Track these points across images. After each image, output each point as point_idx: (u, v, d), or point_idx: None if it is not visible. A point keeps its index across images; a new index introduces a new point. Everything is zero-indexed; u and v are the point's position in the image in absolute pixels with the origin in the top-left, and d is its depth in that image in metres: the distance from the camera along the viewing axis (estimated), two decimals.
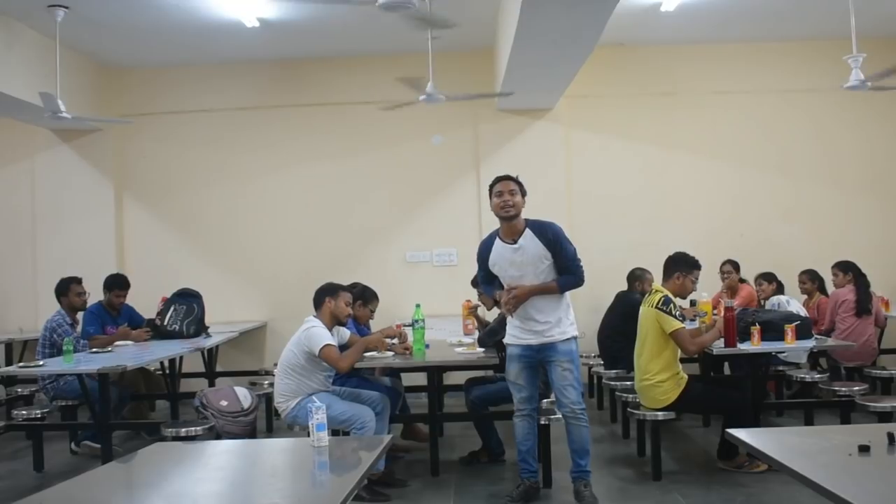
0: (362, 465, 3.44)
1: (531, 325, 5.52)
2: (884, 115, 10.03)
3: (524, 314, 5.53)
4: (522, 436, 5.74)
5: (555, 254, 5.48)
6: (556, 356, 5.52)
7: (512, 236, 5.53)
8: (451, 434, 7.73)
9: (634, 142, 10.12)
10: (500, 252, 5.56)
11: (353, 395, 6.17)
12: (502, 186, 5.53)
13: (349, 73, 10.12)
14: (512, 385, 5.71)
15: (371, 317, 7.31)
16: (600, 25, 6.75)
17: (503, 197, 5.49)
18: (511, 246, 5.51)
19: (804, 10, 8.88)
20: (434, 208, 10.16)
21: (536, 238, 5.48)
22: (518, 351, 5.61)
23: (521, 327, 5.57)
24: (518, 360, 5.63)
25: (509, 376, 5.71)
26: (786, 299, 8.05)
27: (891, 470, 3.02)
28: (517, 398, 5.71)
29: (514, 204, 5.48)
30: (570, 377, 5.54)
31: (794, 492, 5.39)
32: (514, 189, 5.52)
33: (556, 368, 5.53)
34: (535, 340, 5.53)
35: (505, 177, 5.61)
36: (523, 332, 5.57)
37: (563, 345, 5.53)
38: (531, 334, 5.53)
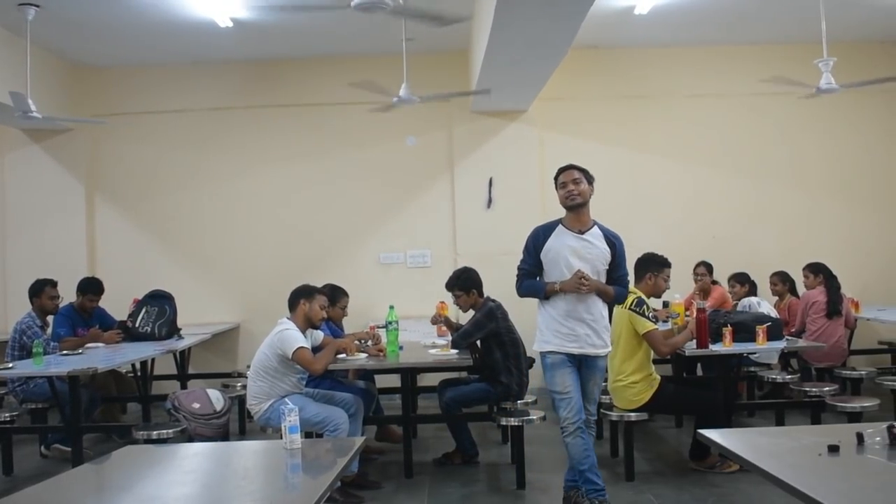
0: (335, 467, 3.43)
1: (579, 328, 5.17)
2: (852, 118, 10.14)
3: (578, 310, 5.17)
4: (581, 454, 5.27)
5: (613, 262, 5.25)
6: (593, 372, 5.30)
7: (579, 227, 5.27)
8: (424, 436, 7.72)
9: (608, 144, 10.16)
10: (562, 238, 5.24)
11: (327, 398, 6.15)
12: (565, 177, 5.35)
13: (323, 74, 10.09)
14: (560, 397, 5.26)
15: (344, 314, 7.31)
16: (574, 28, 6.77)
17: (568, 187, 5.29)
18: (577, 235, 5.24)
19: (776, 14, 8.96)
20: (408, 210, 10.15)
21: (604, 237, 5.28)
22: (560, 358, 5.24)
23: (563, 332, 5.19)
24: (561, 366, 5.23)
25: (555, 387, 5.26)
26: (757, 301, 8.10)
27: (859, 470, 3.05)
28: (567, 410, 5.23)
29: (580, 192, 5.27)
30: (597, 391, 5.40)
31: (765, 491, 5.44)
32: (577, 178, 5.33)
33: (590, 382, 5.31)
34: (577, 349, 5.19)
35: (568, 167, 5.42)
36: (565, 338, 5.20)
37: (602, 361, 5.35)
38: (577, 341, 5.18)
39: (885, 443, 3.18)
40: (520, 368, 6.66)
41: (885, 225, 10.24)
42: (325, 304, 6.17)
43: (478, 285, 6.79)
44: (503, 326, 6.60)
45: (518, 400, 6.67)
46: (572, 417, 5.23)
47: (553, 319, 5.23)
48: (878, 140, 10.33)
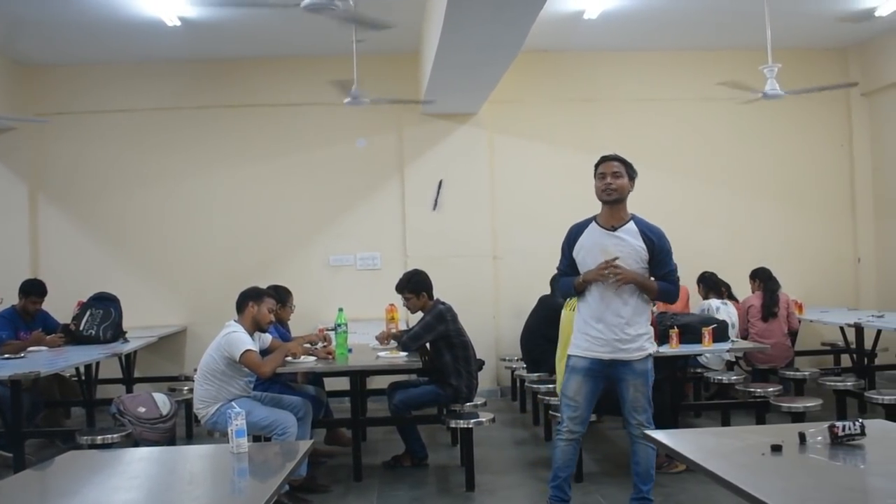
0: (283, 470, 3.41)
1: (606, 331, 4.89)
2: (797, 123, 10.34)
3: (604, 312, 4.91)
4: (564, 461, 5.09)
5: (654, 259, 4.91)
6: (631, 376, 4.94)
7: (612, 223, 4.98)
8: (374, 438, 7.70)
9: (557, 147, 10.23)
10: (592, 236, 5.00)
11: (275, 401, 6.11)
12: (605, 168, 5.03)
13: (273, 75, 10.01)
14: (567, 402, 5.06)
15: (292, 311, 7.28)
16: (524, 32, 6.79)
17: (605, 180, 4.98)
18: (608, 232, 4.96)
19: (722, 21, 9.10)
20: (358, 212, 10.11)
21: (640, 234, 4.94)
22: (584, 364, 4.97)
23: (592, 335, 4.94)
24: (581, 374, 5.00)
25: (566, 391, 5.06)
26: (716, 304, 8.21)
27: (801, 468, 3.11)
28: (567, 417, 5.06)
29: (618, 187, 4.94)
30: (643, 398, 4.99)
31: (710, 491, 5.51)
32: (617, 171, 4.99)
33: (629, 389, 4.96)
34: (606, 354, 4.91)
35: (610, 157, 5.11)
36: (594, 343, 4.93)
37: (640, 364, 4.94)
38: (605, 346, 4.90)
39: (826, 442, 3.24)
40: (469, 371, 6.67)
41: (828, 228, 10.45)
42: (273, 306, 6.13)
43: (427, 288, 6.79)
44: (453, 329, 6.61)
45: (467, 402, 6.67)
46: (571, 425, 5.06)
47: (583, 321, 5.00)
48: (821, 145, 10.54)
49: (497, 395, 9.90)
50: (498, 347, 9.91)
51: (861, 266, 10.49)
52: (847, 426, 3.25)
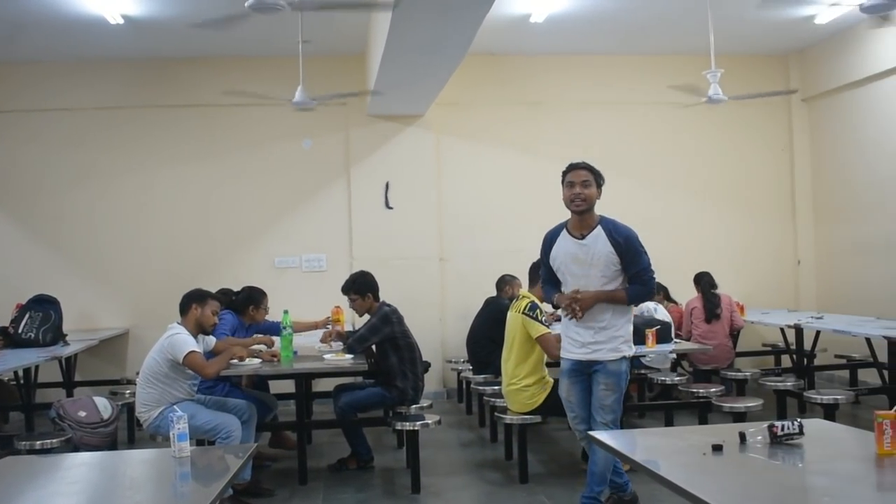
0: (226, 474, 3.38)
1: (585, 336, 5.02)
2: (739, 127, 10.50)
3: (589, 315, 5.00)
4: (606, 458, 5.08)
5: (624, 259, 4.98)
6: (603, 376, 5.02)
7: (580, 230, 5.04)
8: (319, 441, 7.66)
9: (504, 149, 10.27)
10: (563, 246, 5.08)
11: (219, 404, 6.05)
12: (574, 177, 5.04)
13: (218, 74, 9.88)
14: (564, 403, 5.25)
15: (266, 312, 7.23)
16: (470, 34, 6.81)
17: (574, 189, 4.99)
18: (577, 241, 5.02)
19: (666, 26, 9.22)
20: (303, 213, 10.05)
21: (606, 238, 5.00)
22: (568, 365, 5.14)
23: (573, 338, 5.08)
24: (567, 376, 5.16)
25: (560, 392, 5.27)
26: (654, 305, 8.30)
27: (741, 468, 3.16)
28: (570, 417, 5.26)
29: (586, 197, 4.97)
30: (611, 398, 5.04)
31: (653, 490, 5.56)
32: (587, 179, 5.01)
33: (599, 387, 5.05)
34: (584, 355, 5.04)
35: (577, 164, 5.11)
36: (574, 345, 5.08)
37: (612, 364, 5.01)
38: (583, 347, 5.04)
39: (765, 442, 3.30)
40: (415, 373, 6.67)
41: (769, 231, 10.63)
42: (217, 309, 6.06)
43: (374, 289, 6.77)
44: (399, 331, 6.60)
45: (414, 404, 6.67)
46: (575, 426, 5.26)
47: (566, 325, 5.14)
48: (763, 149, 10.72)
49: (443, 396, 9.91)
50: (444, 349, 9.92)
51: (801, 268, 10.70)
52: (786, 426, 3.31)
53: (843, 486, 2.86)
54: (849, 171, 9.97)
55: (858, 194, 9.79)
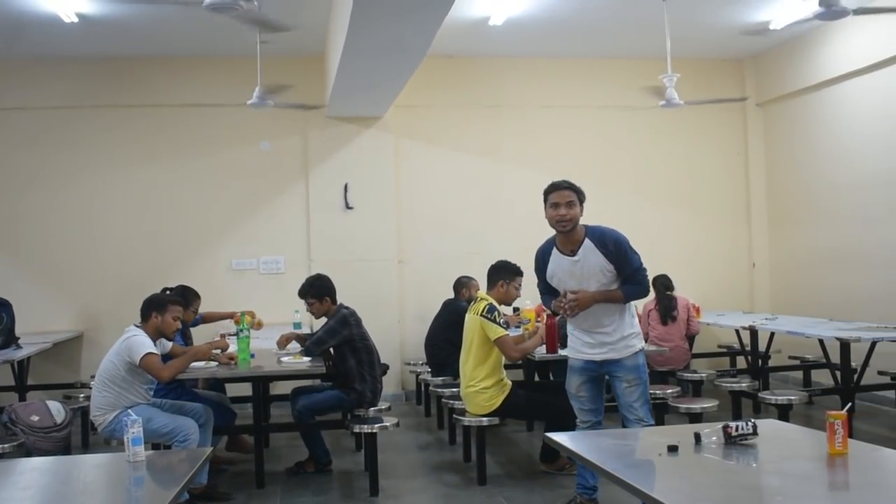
0: (181, 478, 3.33)
1: (597, 337, 5.10)
2: (695, 131, 10.61)
3: (590, 323, 5.10)
4: None
5: (617, 264, 5.04)
6: (622, 372, 5.11)
7: (570, 247, 5.10)
8: (277, 445, 7.61)
9: (463, 152, 10.29)
10: (558, 263, 5.15)
11: (176, 408, 5.99)
12: (558, 198, 5.05)
13: (175, 74, 9.79)
14: (573, 398, 5.31)
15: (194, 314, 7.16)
16: (429, 36, 6.81)
17: (559, 210, 5.02)
18: (570, 258, 5.08)
19: (624, 30, 9.29)
20: (261, 215, 9.97)
21: (597, 249, 5.05)
22: (580, 364, 5.22)
23: (584, 340, 5.17)
24: (579, 373, 5.23)
25: (570, 388, 5.29)
26: None
27: (696, 468, 3.19)
28: (580, 413, 5.32)
29: (571, 217, 5.02)
30: (637, 392, 5.13)
31: (610, 491, 5.59)
32: (571, 200, 5.05)
33: (621, 384, 5.12)
34: (598, 356, 5.12)
35: (560, 185, 5.15)
36: (585, 346, 5.17)
37: (629, 360, 5.11)
38: (595, 348, 5.12)
39: (720, 442, 3.33)
40: (374, 375, 6.65)
41: (725, 234, 10.76)
42: (178, 315, 5.98)
43: (331, 292, 6.74)
44: (357, 333, 6.58)
45: (372, 407, 6.65)
46: (585, 417, 5.31)
47: (573, 327, 5.27)
48: (719, 153, 10.85)
49: (402, 399, 9.89)
50: (403, 351, 9.91)
51: (756, 271, 10.84)
52: (740, 426, 3.35)
53: (795, 486, 2.90)
54: (803, 175, 10.12)
55: (812, 198, 9.94)
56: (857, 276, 9.10)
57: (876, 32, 8.50)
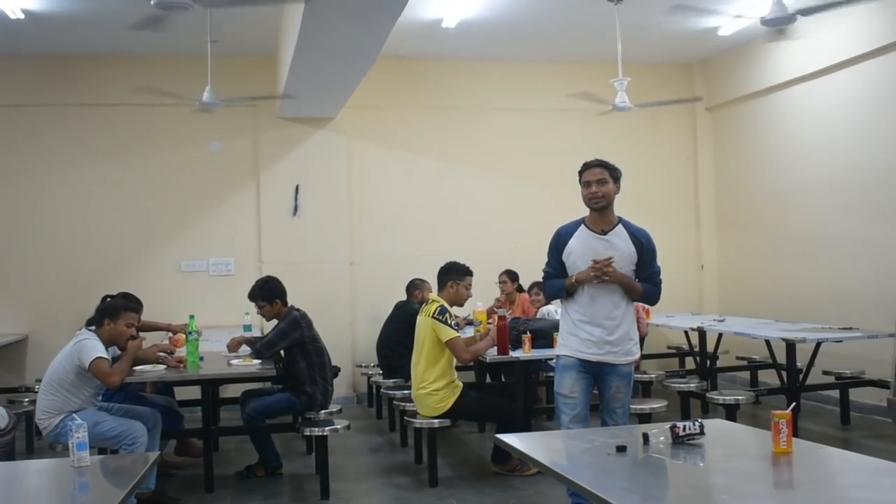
0: (128, 483, 3.28)
1: (599, 333, 4.83)
2: (646, 135, 10.71)
3: (599, 309, 4.85)
4: None
5: (642, 260, 4.93)
6: (615, 378, 4.91)
7: (601, 227, 4.96)
8: (226, 448, 7.53)
9: (415, 154, 10.29)
10: (583, 239, 4.95)
11: (124, 411, 5.91)
12: (589, 176, 4.99)
13: (124, 73, 9.61)
14: (564, 400, 4.90)
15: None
16: (382, 37, 6.80)
17: (591, 188, 4.94)
18: (600, 236, 4.92)
19: (576, 34, 9.35)
20: (211, 216, 9.86)
21: (629, 237, 4.95)
22: (574, 363, 4.90)
23: (582, 337, 4.87)
24: (573, 371, 4.90)
25: (562, 389, 4.92)
26: (554, 309, 8.41)
27: (644, 468, 3.22)
28: (569, 416, 4.88)
29: (604, 194, 4.91)
30: (624, 399, 4.97)
31: (561, 492, 5.62)
32: (601, 177, 4.95)
33: (610, 389, 4.92)
34: (595, 356, 4.85)
35: (591, 163, 5.05)
36: (583, 344, 4.86)
37: (626, 367, 4.93)
38: (593, 346, 4.84)
39: (668, 442, 3.36)
40: (325, 378, 6.62)
41: (675, 237, 10.85)
42: (133, 321, 5.89)
43: (281, 295, 6.70)
44: (308, 335, 6.55)
45: (323, 409, 6.62)
46: (572, 423, 4.86)
47: (571, 322, 4.93)
48: (669, 157, 10.97)
49: (353, 401, 9.86)
50: (354, 354, 9.87)
51: (704, 273, 10.98)
52: (687, 426, 3.38)
53: (740, 484, 2.94)
54: (751, 179, 10.27)
55: (760, 201, 10.09)
56: (803, 278, 9.26)
57: (821, 39, 8.65)
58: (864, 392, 8.04)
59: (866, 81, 8.35)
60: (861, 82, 8.42)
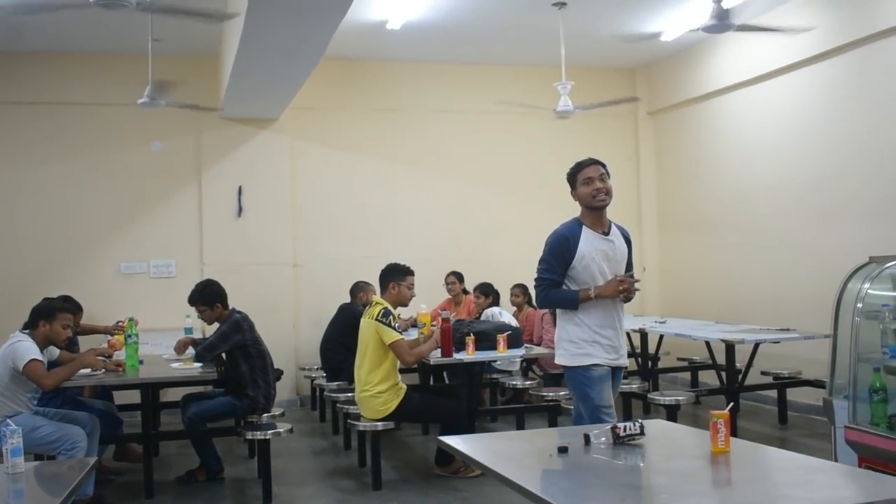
0: (64, 490, 3.22)
1: (616, 340, 4.80)
2: (589, 138, 10.72)
3: (612, 318, 4.81)
4: None
5: (628, 259, 4.98)
6: (617, 382, 4.89)
7: (602, 228, 4.88)
8: (167, 453, 7.43)
9: (360, 155, 10.25)
10: (591, 241, 4.82)
11: (62, 416, 5.80)
12: (592, 172, 4.86)
13: (62, 71, 9.43)
14: (607, 411, 4.68)
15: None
16: (326, 38, 6.77)
17: (594, 184, 4.80)
18: (603, 237, 4.84)
19: (520, 37, 9.40)
20: (152, 217, 9.70)
21: (622, 236, 4.96)
22: (606, 371, 4.75)
23: (603, 344, 4.75)
24: (605, 381, 4.74)
25: (603, 402, 4.70)
26: (498, 311, 8.48)
27: (585, 468, 3.24)
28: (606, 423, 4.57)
29: (608, 190, 4.82)
30: None
31: (504, 493, 5.63)
32: (604, 173, 4.86)
33: (615, 391, 4.88)
34: (613, 361, 4.79)
35: (592, 161, 4.94)
36: (605, 350, 4.75)
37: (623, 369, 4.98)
38: (613, 352, 4.78)
39: (609, 443, 3.39)
40: (267, 381, 6.56)
41: None
42: (68, 322, 5.79)
43: (221, 298, 6.61)
44: (250, 338, 6.48)
45: (265, 413, 6.55)
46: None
47: (590, 329, 4.76)
48: (611, 160, 10.66)
49: (296, 404, 9.78)
50: (297, 356, 9.80)
51: (646, 275, 11.08)
52: (628, 426, 3.41)
53: (679, 484, 2.98)
54: (691, 182, 10.43)
55: (700, 204, 10.24)
56: (742, 280, 9.42)
57: (759, 47, 8.81)
58: (801, 392, 8.20)
59: (802, 89, 8.52)
60: (797, 90, 8.59)
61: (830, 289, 5.44)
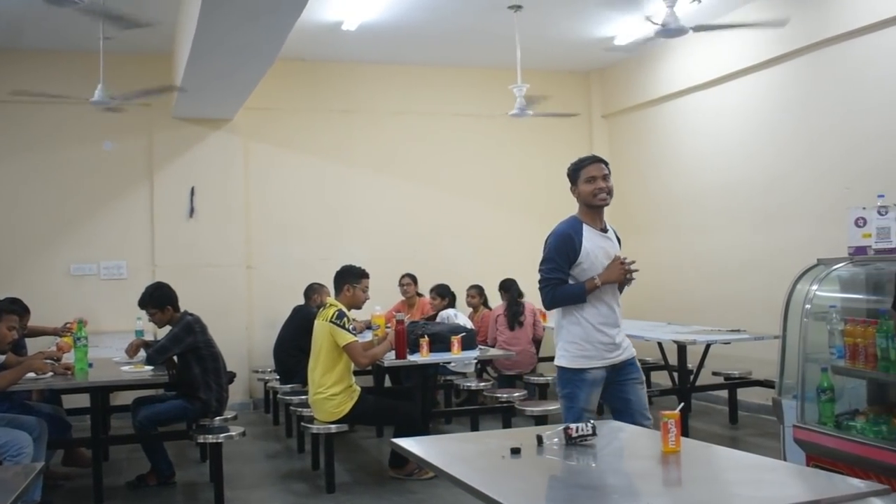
0: (8, 497, 3.16)
1: (616, 335, 4.70)
2: (544, 140, 10.81)
3: (614, 314, 4.74)
4: None
5: None
6: (635, 372, 4.74)
7: (600, 225, 4.86)
8: (117, 458, 7.33)
9: (314, 157, 10.20)
10: (594, 241, 4.77)
11: (8, 421, 5.67)
12: (595, 170, 4.80)
13: (6, 67, 9.27)
14: (580, 414, 4.54)
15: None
16: (281, 38, 6.73)
17: (597, 183, 4.76)
18: (603, 234, 4.82)
19: (476, 39, 9.41)
20: (103, 218, 9.55)
21: (614, 234, 4.95)
22: (600, 375, 4.63)
23: (603, 341, 4.63)
24: (598, 385, 4.65)
25: (586, 405, 4.62)
26: (453, 312, 8.49)
27: (537, 469, 3.25)
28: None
29: (610, 191, 4.78)
30: (645, 392, 4.82)
31: (458, 494, 5.61)
32: (607, 173, 4.82)
33: (635, 386, 4.71)
34: (618, 357, 4.67)
35: (595, 158, 4.90)
36: (605, 349, 4.64)
37: (635, 357, 4.81)
38: (614, 350, 4.66)
39: (561, 443, 3.40)
40: (220, 383, 6.49)
41: None
42: (13, 324, 5.68)
43: (172, 301, 6.53)
44: (202, 340, 6.40)
45: (217, 416, 6.48)
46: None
47: (594, 329, 4.65)
48: (566, 162, 10.70)
49: (249, 407, 9.70)
50: (251, 359, 9.71)
51: None
52: (580, 428, 3.43)
53: (630, 484, 3.00)
54: (644, 185, 10.50)
55: (653, 207, 10.33)
56: (694, 282, 9.53)
57: (712, 51, 8.93)
58: (751, 392, 8.31)
59: (752, 93, 8.64)
60: (748, 94, 8.71)
61: (780, 290, 5.52)
